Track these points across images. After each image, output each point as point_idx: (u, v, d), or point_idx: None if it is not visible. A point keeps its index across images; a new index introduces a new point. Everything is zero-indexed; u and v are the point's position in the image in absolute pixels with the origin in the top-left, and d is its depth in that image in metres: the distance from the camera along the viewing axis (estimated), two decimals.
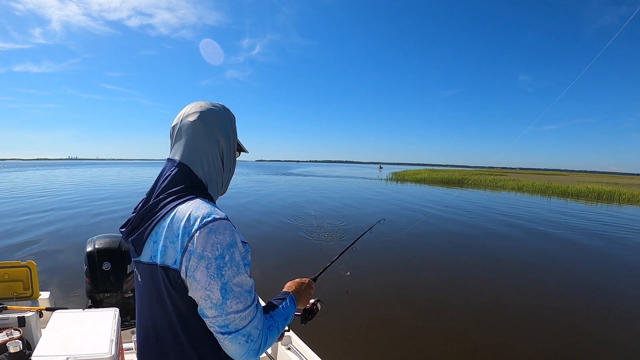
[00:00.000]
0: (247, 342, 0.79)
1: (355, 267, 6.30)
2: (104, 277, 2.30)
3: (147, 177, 33.06)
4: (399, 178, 39.97)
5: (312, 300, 1.23)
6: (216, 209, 0.81)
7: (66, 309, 1.79)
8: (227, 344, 0.78)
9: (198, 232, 0.75)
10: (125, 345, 2.02)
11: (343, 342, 3.85)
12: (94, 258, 2.31)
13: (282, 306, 0.97)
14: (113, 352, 1.38)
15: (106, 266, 2.30)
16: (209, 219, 0.76)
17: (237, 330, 0.77)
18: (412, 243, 8.55)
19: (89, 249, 2.36)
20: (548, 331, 4.25)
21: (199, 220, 0.76)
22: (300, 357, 2.10)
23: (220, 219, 0.77)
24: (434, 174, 41.94)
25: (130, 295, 2.42)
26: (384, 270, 6.32)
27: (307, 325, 1.23)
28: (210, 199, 0.87)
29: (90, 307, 2.30)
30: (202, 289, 0.75)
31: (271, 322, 0.89)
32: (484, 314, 4.70)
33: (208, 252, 0.74)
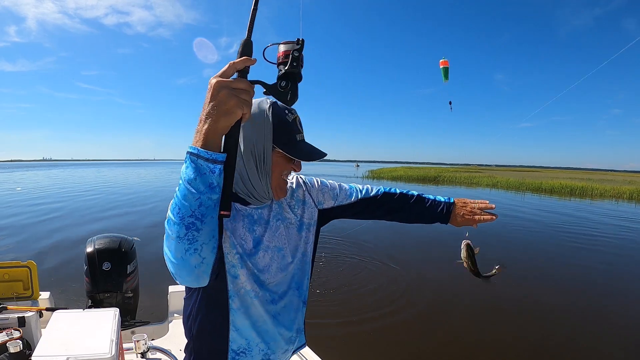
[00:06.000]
0: (168, 262, 0.74)
1: (353, 266, 6.30)
2: (104, 277, 2.30)
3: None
4: (375, 176, 39.60)
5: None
6: None
7: (66, 309, 1.79)
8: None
9: None
10: (125, 345, 2.02)
11: (343, 341, 3.85)
12: (94, 258, 2.31)
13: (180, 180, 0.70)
14: (113, 352, 1.38)
15: (106, 266, 2.30)
16: None
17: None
18: (403, 241, 8.56)
19: (89, 249, 2.36)
20: (543, 330, 4.25)
21: None
22: (300, 357, 2.10)
23: None
24: (410, 171, 41.60)
25: (131, 295, 2.42)
26: (383, 268, 6.32)
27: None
28: None
29: (90, 307, 2.30)
30: None
31: (167, 219, 0.72)
32: (480, 314, 4.71)
33: None
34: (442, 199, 1.26)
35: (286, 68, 0.80)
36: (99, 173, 43.93)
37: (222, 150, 0.70)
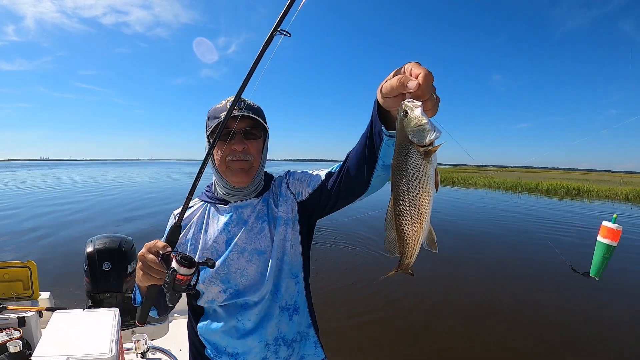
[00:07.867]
0: None
1: (350, 266, 6.30)
2: (104, 277, 2.30)
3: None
4: None
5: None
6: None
7: (66, 309, 1.79)
8: None
9: None
10: (125, 345, 2.02)
11: (343, 341, 3.85)
12: (94, 258, 2.31)
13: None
14: (113, 352, 1.38)
15: (106, 266, 2.30)
16: None
17: None
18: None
19: (89, 249, 2.36)
20: (540, 330, 4.26)
21: None
22: None
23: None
24: None
25: (131, 295, 2.42)
26: (382, 267, 6.31)
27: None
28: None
29: (90, 307, 2.30)
30: None
31: None
32: (476, 314, 4.71)
33: None
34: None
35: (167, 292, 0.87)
36: (102, 173, 43.91)
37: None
